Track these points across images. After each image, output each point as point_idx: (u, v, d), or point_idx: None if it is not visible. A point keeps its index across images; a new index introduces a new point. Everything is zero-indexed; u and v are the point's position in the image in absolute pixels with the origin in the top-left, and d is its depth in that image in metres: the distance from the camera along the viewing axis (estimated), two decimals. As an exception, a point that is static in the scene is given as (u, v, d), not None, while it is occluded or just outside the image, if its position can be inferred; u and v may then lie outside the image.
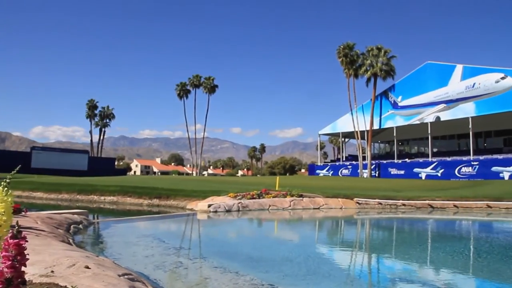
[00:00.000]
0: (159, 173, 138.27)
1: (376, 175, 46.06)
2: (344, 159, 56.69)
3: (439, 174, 39.37)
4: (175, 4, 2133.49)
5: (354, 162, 50.55)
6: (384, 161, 47.91)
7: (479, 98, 37.32)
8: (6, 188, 1.99)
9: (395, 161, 46.33)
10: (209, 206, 12.86)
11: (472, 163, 36.98)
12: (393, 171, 44.68)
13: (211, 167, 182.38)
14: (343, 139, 57.26)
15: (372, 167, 45.81)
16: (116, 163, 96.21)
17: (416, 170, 42.03)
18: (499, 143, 44.45)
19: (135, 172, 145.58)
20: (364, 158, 46.75)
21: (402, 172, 43.55)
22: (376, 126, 47.96)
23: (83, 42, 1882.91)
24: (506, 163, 34.49)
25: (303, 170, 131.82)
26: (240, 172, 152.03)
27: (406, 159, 46.62)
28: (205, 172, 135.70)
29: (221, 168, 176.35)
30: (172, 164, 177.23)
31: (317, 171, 54.44)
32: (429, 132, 42.07)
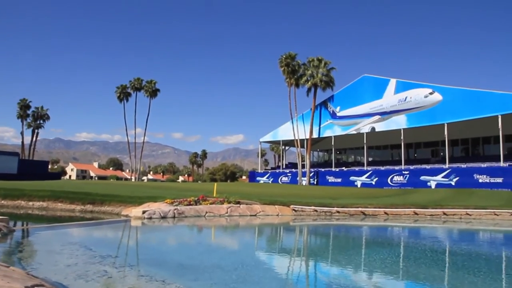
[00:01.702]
0: (96, 178, 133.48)
1: (315, 182, 47.18)
2: (284, 166, 57.62)
3: (373, 183, 41.04)
4: (115, 5, 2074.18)
5: (293, 170, 51.47)
6: (323, 169, 49.21)
7: (410, 111, 39.48)
8: None
9: (333, 169, 47.73)
10: (144, 212, 12.56)
11: (403, 172, 38.93)
12: (331, 179, 46.00)
13: (151, 172, 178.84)
14: (283, 147, 58.21)
15: (311, 175, 46.89)
16: (50, 166, 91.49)
17: (352, 178, 43.55)
18: (428, 154, 47.26)
19: (70, 176, 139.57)
20: (303, 166, 47.73)
21: (339, 180, 44.95)
22: (315, 135, 49.22)
23: (17, 38, 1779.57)
24: (433, 172, 36.66)
25: (244, 177, 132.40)
26: (181, 178, 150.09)
27: (343, 168, 48.17)
28: (144, 178, 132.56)
29: (161, 174, 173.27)
30: (111, 168, 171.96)
31: (258, 178, 54.88)
32: (364, 142, 43.80)
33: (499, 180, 32.01)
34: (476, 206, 16.49)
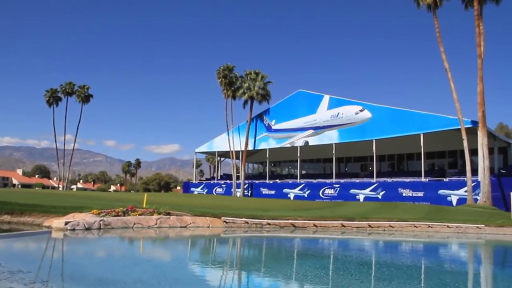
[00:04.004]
0: (20, 186, 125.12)
1: (249, 194, 47.51)
2: (219, 177, 57.55)
3: (305, 195, 42.06)
4: (47, 6, 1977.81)
5: (228, 181, 51.52)
6: (257, 181, 49.70)
7: (341, 127, 41.13)
8: None
9: (267, 181, 48.37)
10: (67, 223, 11.93)
11: (334, 185, 40.30)
12: (265, 191, 46.55)
13: (81, 181, 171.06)
14: (219, 158, 58.18)
15: (245, 186, 47.18)
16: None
17: (285, 190, 44.36)
18: (357, 168, 49.37)
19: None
20: (238, 178, 47.95)
21: (273, 192, 45.61)
22: (251, 147, 49.71)
23: None
24: (361, 186, 38.32)
25: (178, 188, 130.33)
26: (113, 188, 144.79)
27: (277, 180, 48.99)
28: (74, 186, 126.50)
29: (92, 183, 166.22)
30: (37, 176, 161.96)
31: (192, 189, 54.33)
32: (298, 155, 44.89)
33: (421, 194, 34.11)
34: (398, 219, 17.37)
